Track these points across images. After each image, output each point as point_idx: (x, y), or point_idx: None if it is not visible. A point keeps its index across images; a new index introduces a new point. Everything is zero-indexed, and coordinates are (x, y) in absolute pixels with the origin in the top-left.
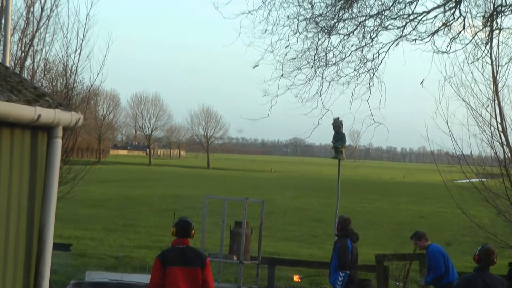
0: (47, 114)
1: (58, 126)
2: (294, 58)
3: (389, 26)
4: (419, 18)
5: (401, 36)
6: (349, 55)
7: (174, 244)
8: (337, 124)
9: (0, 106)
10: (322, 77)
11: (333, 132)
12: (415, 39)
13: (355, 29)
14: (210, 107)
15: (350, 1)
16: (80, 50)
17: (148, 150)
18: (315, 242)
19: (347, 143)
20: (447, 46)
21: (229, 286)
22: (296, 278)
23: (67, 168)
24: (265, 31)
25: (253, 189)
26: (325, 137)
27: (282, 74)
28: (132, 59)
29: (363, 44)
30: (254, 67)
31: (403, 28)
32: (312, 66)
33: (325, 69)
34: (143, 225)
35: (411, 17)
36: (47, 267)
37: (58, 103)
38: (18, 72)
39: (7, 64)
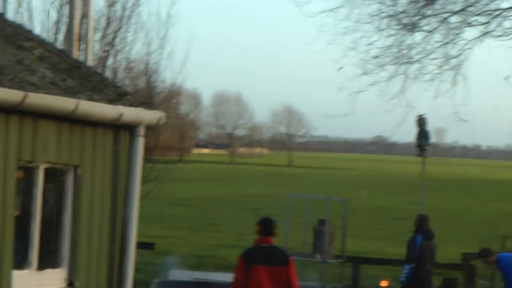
0: (129, 113)
1: (140, 124)
2: (377, 56)
3: (473, 23)
4: (504, 13)
5: (485, 33)
6: (433, 52)
7: (258, 243)
8: (420, 122)
9: (82, 106)
10: (405, 74)
11: (417, 129)
12: (500, 35)
13: (438, 26)
14: (292, 105)
15: None
16: (161, 49)
17: (230, 148)
18: (400, 240)
19: (431, 141)
20: None
21: (313, 285)
22: (384, 283)
23: (149, 167)
24: (345, 31)
25: (336, 187)
26: (409, 134)
27: (365, 72)
28: (213, 58)
29: (446, 41)
30: (338, 70)
31: (487, 24)
32: (395, 64)
33: (408, 66)
34: (226, 224)
35: (495, 13)
36: (130, 266)
37: (140, 102)
38: (100, 71)
39: (89, 63)
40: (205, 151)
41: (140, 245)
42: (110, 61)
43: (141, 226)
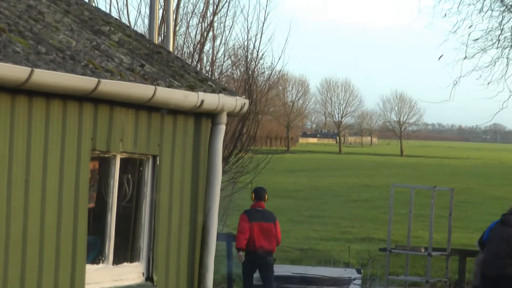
0: (211, 100)
1: (222, 112)
2: (478, 39)
3: None
4: None
5: None
6: None
7: (254, 206)
8: None
9: (160, 93)
10: (507, 58)
11: None
12: None
13: None
14: (404, 92)
15: None
16: (261, 34)
17: (338, 137)
18: None
19: None
20: None
21: (418, 279)
22: None
23: (249, 157)
24: (445, 15)
25: (448, 177)
26: None
27: (466, 56)
28: (321, 43)
29: None
30: (439, 58)
31: None
32: (498, 47)
33: (511, 49)
34: (331, 216)
35: None
36: (211, 258)
37: (222, 88)
38: (197, 57)
39: (170, 48)
40: (313, 140)
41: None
42: (208, 47)
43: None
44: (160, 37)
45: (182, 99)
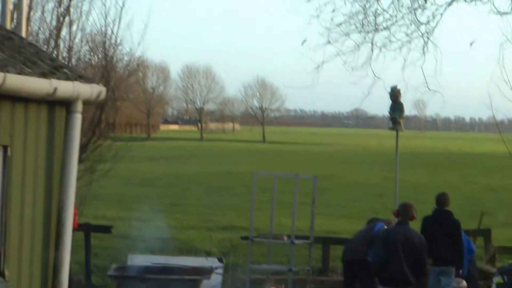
0: (65, 87)
1: (78, 100)
2: (341, 23)
3: None
4: None
5: None
6: (401, 18)
7: None
8: (394, 93)
9: (10, 80)
10: (372, 43)
11: (390, 102)
12: (473, 0)
13: None
14: (265, 78)
15: None
16: (120, 19)
17: (200, 124)
18: None
19: (408, 114)
20: (509, 6)
21: (280, 267)
22: None
23: (107, 145)
24: None
25: (311, 163)
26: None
27: (329, 41)
28: (182, 29)
29: (415, 6)
30: (302, 43)
31: None
32: (361, 32)
33: (375, 34)
34: (193, 204)
35: None
36: (66, 251)
37: (77, 75)
38: (54, 43)
39: (23, 34)
40: (174, 127)
41: (98, 228)
42: (65, 32)
43: (101, 207)
44: (13, 23)
45: (34, 87)
